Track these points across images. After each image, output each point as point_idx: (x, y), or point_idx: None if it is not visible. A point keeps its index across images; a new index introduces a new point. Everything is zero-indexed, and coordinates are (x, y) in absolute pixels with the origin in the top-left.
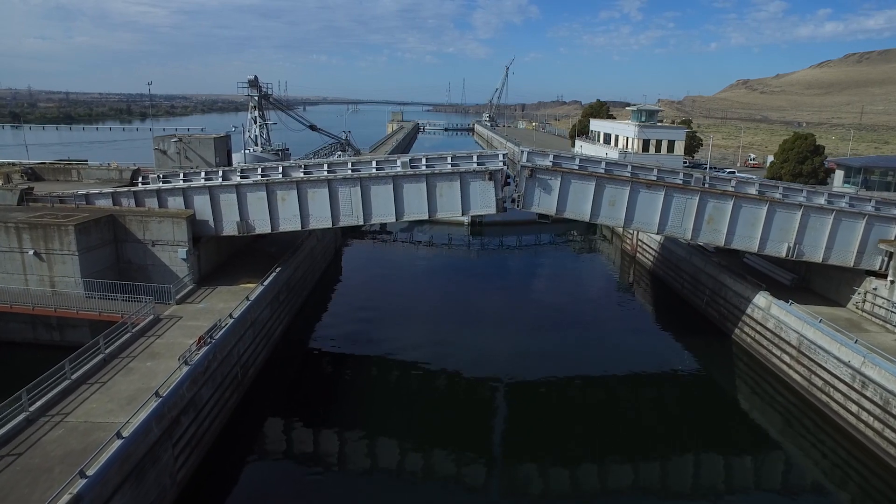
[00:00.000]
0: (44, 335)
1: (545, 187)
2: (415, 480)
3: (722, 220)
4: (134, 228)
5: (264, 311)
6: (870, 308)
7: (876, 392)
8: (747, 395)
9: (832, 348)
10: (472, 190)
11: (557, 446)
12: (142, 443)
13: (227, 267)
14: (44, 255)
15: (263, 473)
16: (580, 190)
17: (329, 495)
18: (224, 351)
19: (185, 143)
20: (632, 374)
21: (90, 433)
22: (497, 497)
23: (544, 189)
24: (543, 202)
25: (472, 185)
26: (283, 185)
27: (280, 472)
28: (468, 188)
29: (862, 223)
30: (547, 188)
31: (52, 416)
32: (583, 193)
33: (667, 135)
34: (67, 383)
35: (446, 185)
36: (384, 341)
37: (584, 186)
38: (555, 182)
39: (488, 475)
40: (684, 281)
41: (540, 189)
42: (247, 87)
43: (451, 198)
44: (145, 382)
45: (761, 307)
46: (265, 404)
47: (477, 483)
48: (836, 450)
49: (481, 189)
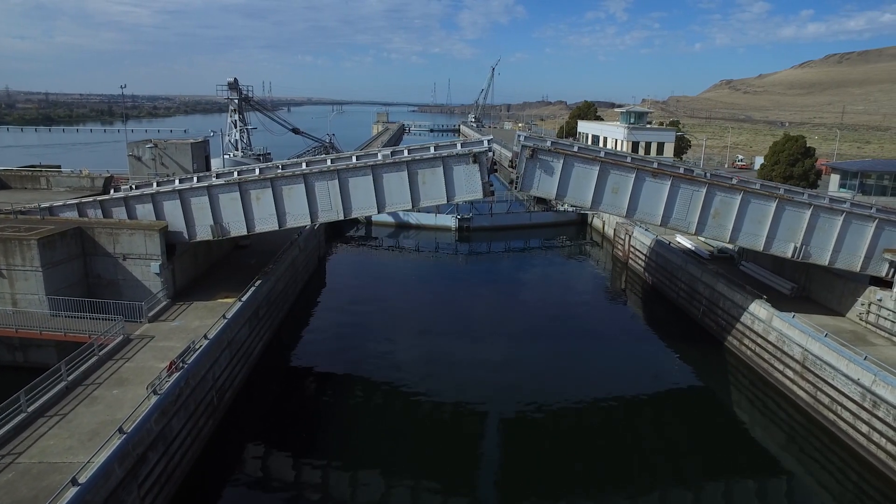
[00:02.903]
0: (5, 356)
1: (546, 169)
2: None
3: (728, 215)
4: (103, 241)
5: (242, 329)
6: (874, 319)
7: (889, 413)
8: (748, 411)
9: (840, 364)
10: (456, 175)
11: (548, 468)
12: (102, 488)
13: (204, 280)
14: (4, 271)
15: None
16: (583, 175)
17: None
18: (198, 376)
19: (161, 148)
20: (626, 388)
21: (44, 476)
22: None
23: (545, 171)
24: (543, 185)
25: (456, 169)
26: (256, 183)
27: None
28: (452, 173)
29: (872, 227)
30: (549, 170)
31: (3, 457)
32: (585, 178)
33: (656, 137)
34: (23, 416)
35: (429, 172)
36: (369, 358)
37: (588, 171)
38: (557, 164)
39: (477, 499)
40: (679, 289)
41: (541, 171)
42: (226, 90)
43: (434, 185)
44: (110, 414)
45: (762, 319)
46: (243, 430)
47: None
48: (845, 471)
49: (466, 173)
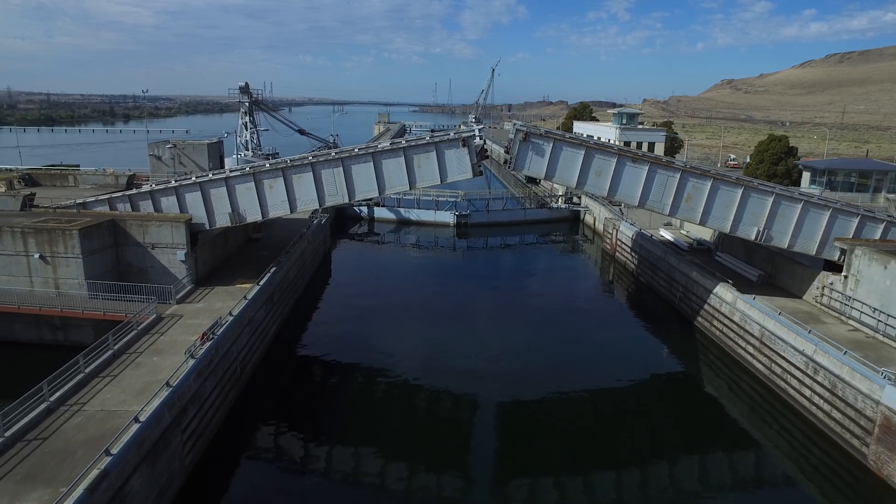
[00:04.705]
0: (48, 335)
1: (538, 150)
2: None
3: (699, 199)
4: (134, 232)
5: (260, 310)
6: (827, 301)
7: (826, 377)
8: (717, 385)
9: (789, 338)
10: (447, 158)
11: (537, 440)
12: (156, 428)
13: (222, 269)
14: (49, 258)
15: (262, 464)
16: (570, 158)
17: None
18: (225, 347)
19: (180, 148)
20: (610, 369)
21: (107, 420)
22: None
23: (536, 152)
24: (534, 165)
25: (448, 153)
26: (269, 173)
27: (278, 465)
28: (444, 157)
29: (826, 215)
30: (539, 151)
31: (71, 406)
32: (572, 161)
33: (647, 137)
34: (81, 377)
35: (423, 157)
36: (372, 344)
37: (574, 154)
38: (546, 147)
39: (471, 480)
40: (660, 278)
41: (532, 152)
42: (237, 93)
43: (428, 168)
44: (153, 375)
45: (728, 302)
46: (261, 400)
47: (459, 487)
48: (792, 432)
49: (457, 156)
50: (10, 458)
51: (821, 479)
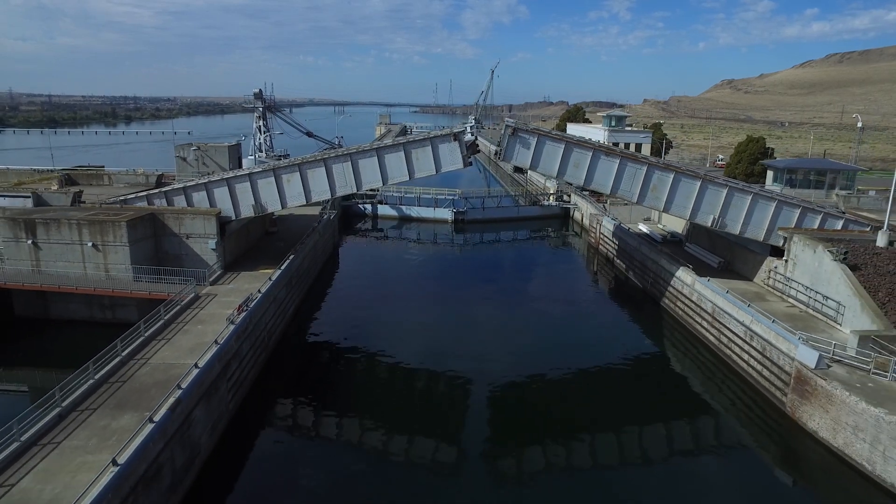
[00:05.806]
0: (98, 314)
1: (524, 143)
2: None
3: (663, 189)
4: (171, 224)
5: (282, 290)
6: (772, 283)
7: (759, 343)
8: (678, 357)
9: (733, 312)
10: (441, 151)
11: (524, 411)
12: (209, 374)
13: (245, 258)
14: (100, 246)
15: (286, 416)
16: (552, 151)
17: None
18: (256, 317)
19: (203, 150)
20: (590, 347)
21: (169, 370)
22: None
23: (523, 145)
24: (521, 156)
25: (441, 147)
26: (287, 169)
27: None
28: (438, 150)
29: (772, 206)
30: (526, 144)
31: (138, 360)
32: (554, 153)
33: (634, 138)
34: (142, 339)
35: (421, 151)
36: (377, 326)
37: (555, 148)
38: (532, 140)
39: (463, 458)
40: (635, 267)
41: (519, 145)
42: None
43: (425, 160)
44: (200, 338)
45: (688, 284)
46: (285, 365)
47: (450, 462)
48: (734, 389)
49: (449, 149)
50: (101, 395)
51: (752, 425)
